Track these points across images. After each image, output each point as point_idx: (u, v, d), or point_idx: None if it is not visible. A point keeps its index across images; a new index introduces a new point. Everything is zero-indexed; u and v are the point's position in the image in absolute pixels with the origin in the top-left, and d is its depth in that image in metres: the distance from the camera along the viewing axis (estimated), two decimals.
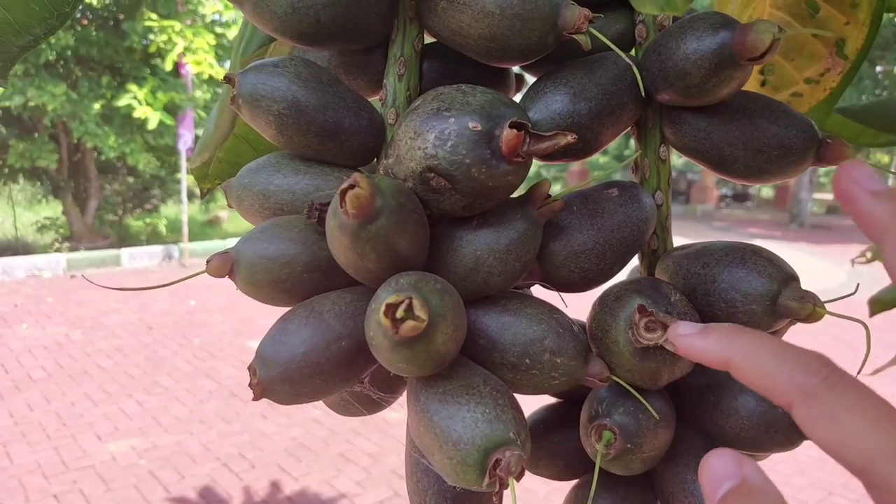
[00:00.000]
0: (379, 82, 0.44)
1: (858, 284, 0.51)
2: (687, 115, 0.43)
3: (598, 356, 0.40)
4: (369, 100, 0.45)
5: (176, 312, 5.34)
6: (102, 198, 8.03)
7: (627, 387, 0.39)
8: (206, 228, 9.52)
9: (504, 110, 0.35)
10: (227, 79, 0.41)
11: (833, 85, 0.67)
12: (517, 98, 0.46)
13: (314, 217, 0.38)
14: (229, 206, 0.45)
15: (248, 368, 0.38)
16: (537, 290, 0.45)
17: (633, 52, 0.45)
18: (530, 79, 0.48)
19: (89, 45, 6.76)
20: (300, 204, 0.41)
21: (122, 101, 6.55)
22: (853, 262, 1.44)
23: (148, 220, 8.44)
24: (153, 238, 8.24)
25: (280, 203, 0.41)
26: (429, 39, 0.44)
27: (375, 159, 0.43)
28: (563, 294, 0.44)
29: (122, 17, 6.99)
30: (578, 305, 0.45)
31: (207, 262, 0.40)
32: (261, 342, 0.38)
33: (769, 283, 0.38)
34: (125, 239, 7.99)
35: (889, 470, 0.22)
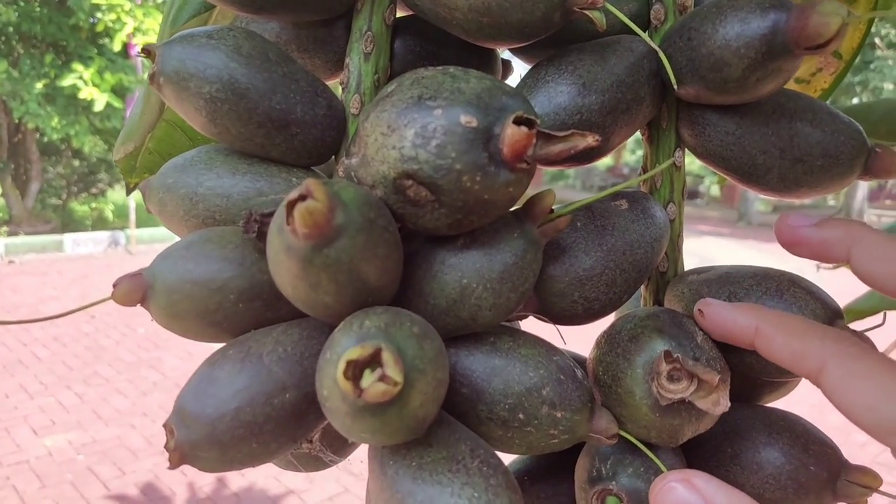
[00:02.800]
0: (340, 62, 0.36)
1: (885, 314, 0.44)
2: (712, 115, 0.35)
3: (604, 405, 0.32)
4: (329, 83, 0.37)
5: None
6: (45, 181, 7.76)
7: (640, 445, 0.32)
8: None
9: (507, 101, 0.27)
10: (146, 51, 0.32)
11: (825, 86, 0.62)
12: None
13: (252, 231, 0.29)
14: (149, 211, 0.36)
15: (164, 426, 0.29)
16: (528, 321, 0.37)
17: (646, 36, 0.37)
18: (519, 66, 0.41)
19: (32, 22, 6.52)
20: (237, 212, 0.33)
21: (67, 81, 6.34)
22: (818, 267, 1.40)
23: (94, 205, 8.19)
24: (99, 224, 7.99)
25: (211, 210, 0.33)
26: (402, 12, 0.36)
27: (334, 157, 0.35)
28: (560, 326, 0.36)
29: None
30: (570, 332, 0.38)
31: (114, 285, 0.31)
32: (181, 393, 0.30)
33: None
34: (69, 224, 7.74)
35: None
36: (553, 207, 0.31)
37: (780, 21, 0.30)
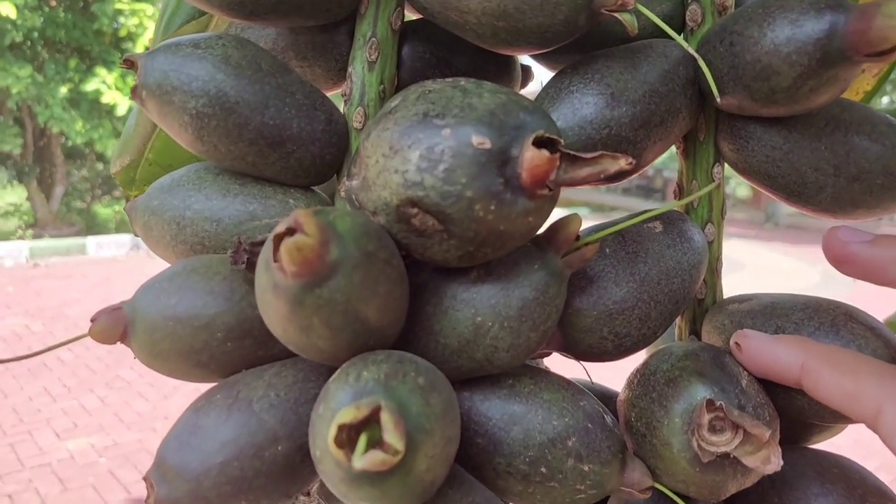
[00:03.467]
0: (342, 71, 0.33)
1: None
2: (756, 127, 0.32)
3: (637, 454, 0.29)
4: (330, 94, 0.33)
5: None
6: (69, 184, 7.82)
7: (678, 500, 0.28)
8: None
9: (525, 118, 0.23)
10: (128, 62, 0.29)
11: (867, 88, 0.58)
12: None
13: (241, 262, 0.26)
14: (136, 234, 0.33)
15: (144, 479, 0.26)
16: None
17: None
18: (540, 71, 0.37)
19: (56, 27, 6.57)
20: (227, 238, 0.30)
21: (91, 86, 6.37)
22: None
23: (117, 208, 8.23)
24: (122, 227, 8.02)
25: (200, 236, 0.30)
26: (411, 15, 0.33)
27: (336, 174, 0.32)
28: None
29: None
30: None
31: (92, 320, 0.28)
32: (162, 443, 0.27)
33: None
34: (93, 227, 7.79)
35: None
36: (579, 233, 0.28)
37: (837, 23, 0.26)
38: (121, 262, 6.72)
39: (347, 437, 0.20)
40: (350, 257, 0.22)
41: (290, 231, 0.21)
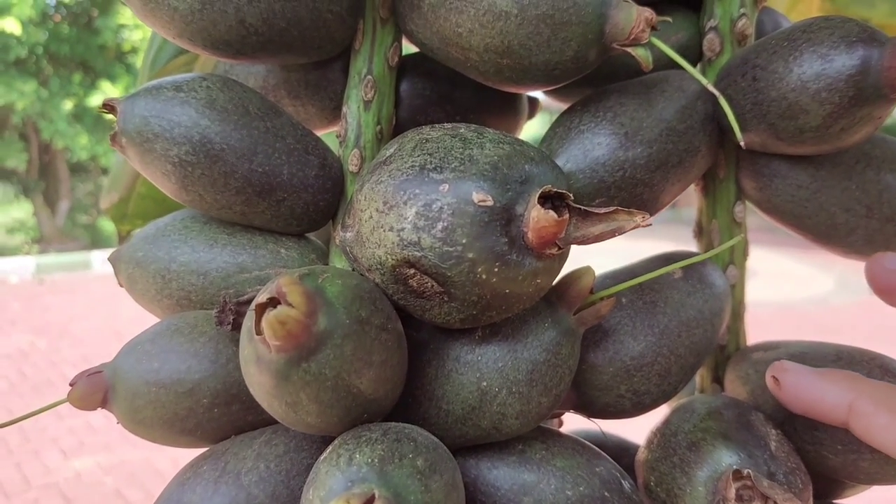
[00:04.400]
0: (337, 109, 0.31)
1: None
2: (781, 166, 0.30)
3: None
4: (325, 133, 0.32)
5: (147, 319, 4.99)
6: (74, 199, 7.83)
7: None
8: None
9: (530, 170, 0.21)
10: (108, 106, 0.27)
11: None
12: (530, 128, 0.33)
13: (227, 323, 0.24)
14: (120, 285, 0.31)
15: None
16: None
17: (697, 70, 0.32)
18: (550, 103, 0.35)
19: (61, 42, 6.60)
20: (215, 291, 0.28)
21: (95, 100, 6.39)
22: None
23: None
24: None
25: (186, 290, 0.28)
26: (409, 49, 0.31)
27: (332, 220, 0.30)
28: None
29: (95, 13, 6.83)
30: None
31: (71, 384, 0.26)
32: None
33: None
34: (98, 242, 7.80)
35: None
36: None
37: (870, 59, 0.24)
38: None
39: None
40: (340, 327, 0.20)
41: (273, 301, 0.19)
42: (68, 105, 6.61)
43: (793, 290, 5.43)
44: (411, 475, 0.20)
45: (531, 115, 0.37)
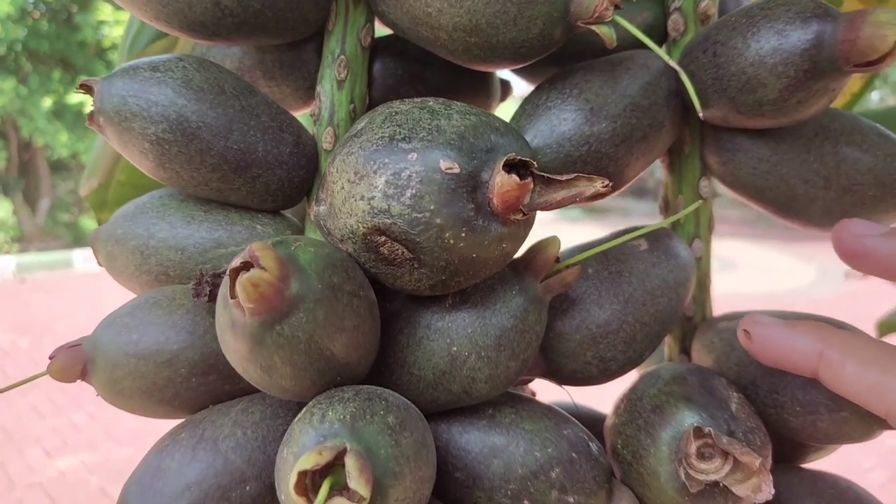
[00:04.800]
0: (312, 89, 0.32)
1: None
2: (743, 140, 0.31)
3: (624, 482, 0.28)
4: (301, 114, 0.32)
5: None
6: (55, 197, 7.77)
7: None
8: None
9: (495, 140, 0.22)
10: (85, 86, 0.28)
11: (854, 89, 0.57)
12: (504, 112, 0.34)
13: (203, 295, 0.25)
14: (100, 264, 0.31)
15: None
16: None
17: (663, 49, 0.32)
18: (519, 84, 0.36)
19: (40, 39, 6.53)
20: (193, 266, 0.28)
21: (75, 98, 6.34)
22: (847, 274, 1.34)
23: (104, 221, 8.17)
24: None
25: (164, 265, 0.29)
26: (382, 31, 0.32)
27: (306, 197, 0.31)
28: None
29: (74, 9, 6.75)
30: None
31: (51, 357, 0.27)
32: (126, 485, 0.25)
33: None
34: (79, 240, 7.73)
35: None
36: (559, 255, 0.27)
37: (825, 33, 0.25)
38: (108, 276, 6.68)
39: (312, 483, 0.19)
40: (312, 292, 0.21)
41: (247, 265, 0.20)
42: (48, 102, 6.54)
43: (775, 281, 5.48)
44: (382, 431, 0.21)
45: (503, 97, 0.38)
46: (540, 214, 0.23)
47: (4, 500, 2.74)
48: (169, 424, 0.28)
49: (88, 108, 0.27)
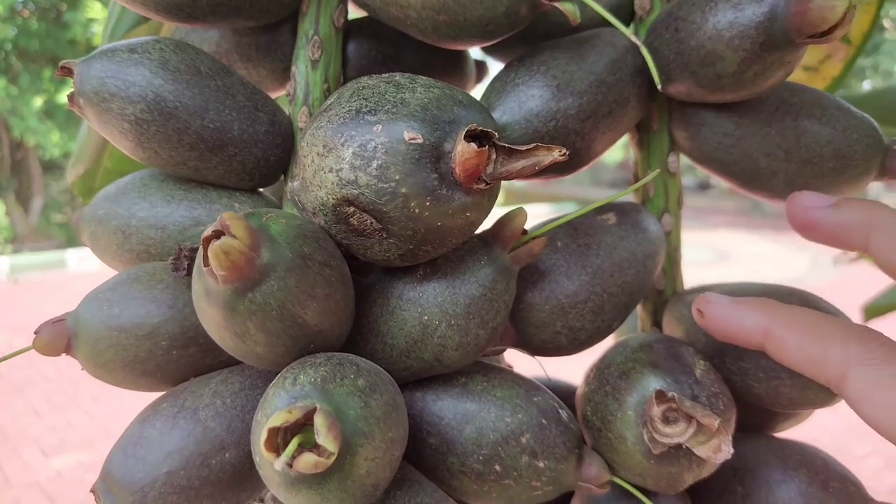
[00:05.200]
0: (287, 71, 0.32)
1: None
2: (707, 115, 0.31)
3: (595, 449, 0.29)
4: (278, 95, 0.33)
5: None
6: (48, 197, 7.74)
7: (638, 493, 0.28)
8: None
9: (458, 112, 0.23)
10: (65, 69, 0.28)
11: (835, 73, 0.58)
12: (478, 93, 0.34)
13: (182, 269, 0.26)
14: (83, 244, 0.32)
15: (92, 492, 0.26)
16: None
17: (630, 29, 0.33)
18: (496, 66, 0.37)
19: (30, 38, 6.50)
20: (172, 245, 0.29)
21: (66, 96, 6.32)
22: (835, 260, 1.35)
23: None
24: None
25: (145, 243, 0.29)
26: (355, 13, 0.32)
27: (283, 175, 0.31)
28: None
29: (64, 7, 6.72)
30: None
31: (36, 332, 0.28)
32: (109, 454, 0.26)
33: None
34: (73, 240, 7.71)
35: None
36: (527, 228, 0.28)
37: (778, 6, 0.26)
38: (101, 276, 6.65)
39: (283, 442, 0.20)
40: (283, 260, 0.22)
41: (219, 234, 0.20)
42: (39, 101, 6.51)
43: (769, 271, 5.49)
44: (352, 393, 0.21)
45: (479, 78, 0.39)
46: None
47: (2, 500, 2.73)
48: None
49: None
